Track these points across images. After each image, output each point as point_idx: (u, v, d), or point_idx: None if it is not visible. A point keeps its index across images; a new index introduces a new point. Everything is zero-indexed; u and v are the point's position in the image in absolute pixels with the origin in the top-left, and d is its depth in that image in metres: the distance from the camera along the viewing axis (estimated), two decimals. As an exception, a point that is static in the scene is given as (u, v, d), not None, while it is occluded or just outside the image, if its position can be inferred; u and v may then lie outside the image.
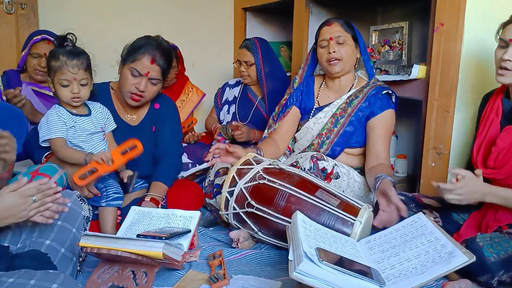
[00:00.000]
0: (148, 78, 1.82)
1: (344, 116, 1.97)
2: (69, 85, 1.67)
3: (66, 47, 1.69)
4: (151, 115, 1.99)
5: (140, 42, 1.85)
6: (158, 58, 1.82)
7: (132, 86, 1.82)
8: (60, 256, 1.29)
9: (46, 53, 2.29)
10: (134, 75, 1.81)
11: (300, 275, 1.06)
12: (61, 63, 1.65)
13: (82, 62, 1.67)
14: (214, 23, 3.32)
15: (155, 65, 1.82)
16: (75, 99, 1.69)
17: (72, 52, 1.67)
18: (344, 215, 1.50)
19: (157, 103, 2.01)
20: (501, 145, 1.53)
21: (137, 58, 1.80)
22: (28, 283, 1.03)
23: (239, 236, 1.68)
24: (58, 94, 1.70)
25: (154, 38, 1.88)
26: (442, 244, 1.22)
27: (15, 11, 2.61)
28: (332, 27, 1.95)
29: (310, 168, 1.76)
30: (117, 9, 2.94)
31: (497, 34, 1.58)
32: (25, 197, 1.20)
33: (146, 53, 1.81)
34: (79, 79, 1.67)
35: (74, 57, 1.66)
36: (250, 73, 2.55)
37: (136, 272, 1.34)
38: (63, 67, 1.64)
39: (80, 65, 1.67)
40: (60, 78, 1.66)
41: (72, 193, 1.47)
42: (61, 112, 1.71)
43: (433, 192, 1.96)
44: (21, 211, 1.19)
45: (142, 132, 1.94)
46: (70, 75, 1.65)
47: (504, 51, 1.51)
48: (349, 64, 1.97)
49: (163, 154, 1.96)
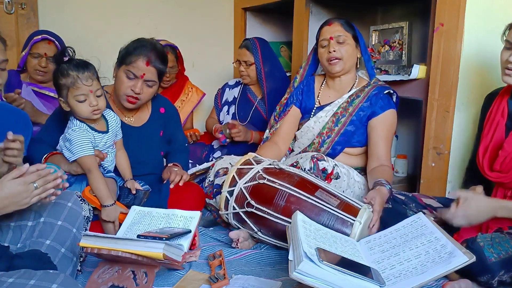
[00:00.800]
0: (143, 80, 1.81)
1: (345, 115, 1.97)
2: (86, 99, 1.62)
3: (70, 61, 1.63)
4: (157, 119, 2.01)
5: (134, 44, 1.84)
6: (153, 60, 1.82)
7: (128, 89, 1.81)
8: (60, 256, 1.29)
9: (47, 53, 2.29)
10: (129, 78, 1.80)
11: (300, 275, 1.06)
12: (73, 79, 1.59)
13: (92, 72, 1.63)
14: (214, 23, 3.32)
15: (150, 67, 1.81)
16: (95, 112, 1.64)
17: (81, 65, 1.62)
18: (343, 215, 1.50)
19: (162, 107, 2.03)
20: (508, 149, 1.53)
21: (132, 60, 1.79)
22: (28, 283, 1.02)
23: (239, 236, 1.68)
24: (76, 111, 1.64)
25: (148, 40, 1.87)
26: (442, 244, 1.22)
27: (15, 11, 2.61)
28: (333, 27, 1.95)
29: (310, 169, 1.76)
30: (117, 9, 2.94)
31: (503, 36, 1.57)
32: (27, 184, 1.18)
33: (141, 55, 1.79)
34: (94, 90, 1.63)
35: (84, 69, 1.61)
36: (250, 73, 2.55)
37: (136, 272, 1.34)
38: (76, 82, 1.59)
39: (92, 76, 1.63)
40: (75, 94, 1.60)
41: (72, 193, 1.46)
42: (82, 128, 1.68)
43: (433, 192, 1.97)
44: (24, 199, 1.18)
45: (146, 133, 1.96)
46: (85, 88, 1.60)
47: (510, 52, 1.51)
48: (349, 63, 1.97)
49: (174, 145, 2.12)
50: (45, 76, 2.34)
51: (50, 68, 2.32)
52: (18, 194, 1.17)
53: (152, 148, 1.98)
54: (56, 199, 1.36)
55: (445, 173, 2.00)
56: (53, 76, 1.65)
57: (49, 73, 2.33)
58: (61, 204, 1.37)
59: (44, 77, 2.34)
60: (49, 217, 1.33)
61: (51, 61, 2.30)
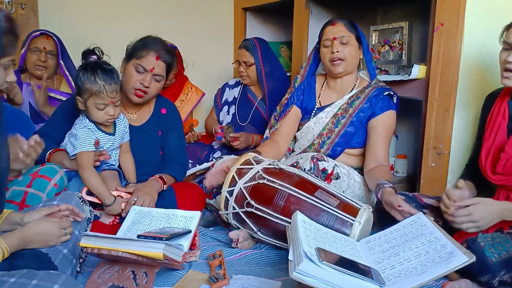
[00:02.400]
0: (152, 74, 1.85)
1: (345, 117, 1.97)
2: (105, 108, 1.66)
3: (97, 65, 1.66)
4: (157, 119, 2.01)
5: (144, 40, 1.89)
6: (163, 55, 1.87)
7: (136, 82, 1.84)
8: (61, 257, 1.29)
9: (46, 47, 2.29)
10: (139, 71, 1.84)
11: (300, 275, 1.06)
12: (99, 88, 1.62)
13: (117, 83, 1.67)
14: (214, 23, 3.32)
15: (160, 61, 1.86)
16: (109, 120, 1.70)
17: (109, 75, 1.65)
18: (343, 216, 1.50)
19: (164, 108, 2.04)
20: (510, 152, 1.53)
21: (142, 55, 1.84)
22: (30, 283, 1.02)
23: (239, 236, 1.68)
24: (92, 115, 1.68)
25: (157, 37, 1.93)
26: (442, 244, 1.22)
27: (15, 11, 2.61)
28: (336, 27, 1.94)
29: (310, 169, 1.76)
30: (117, 9, 2.94)
31: (501, 37, 1.57)
32: (61, 228, 1.26)
33: (151, 50, 1.85)
34: (115, 101, 1.68)
35: (111, 81, 1.64)
36: (250, 74, 2.55)
37: (136, 272, 1.34)
38: (102, 92, 1.63)
39: (117, 88, 1.67)
40: (97, 102, 1.65)
41: (74, 195, 1.46)
42: (89, 127, 1.71)
43: (433, 192, 1.97)
44: (52, 241, 1.24)
45: (146, 133, 1.97)
46: (108, 99, 1.65)
47: (509, 53, 1.51)
48: (352, 64, 1.97)
49: (168, 163, 2.00)
50: (45, 72, 2.33)
51: (50, 63, 2.33)
52: (51, 235, 1.24)
53: (151, 148, 1.98)
54: (58, 201, 1.39)
55: (445, 173, 2.00)
56: (77, 76, 1.67)
57: (49, 68, 2.34)
58: None
59: (44, 72, 2.33)
60: None
61: (51, 56, 2.31)
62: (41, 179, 1.53)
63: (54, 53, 2.35)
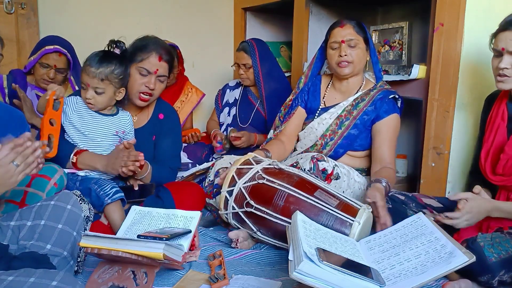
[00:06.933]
0: (156, 76, 1.85)
1: (349, 119, 1.97)
2: (85, 88, 1.75)
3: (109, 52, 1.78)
4: (153, 124, 2.00)
5: (143, 42, 1.88)
6: (165, 55, 1.87)
7: (142, 86, 1.84)
8: (60, 259, 1.29)
9: (56, 65, 2.26)
10: (142, 75, 1.84)
11: (300, 275, 1.06)
12: (86, 65, 1.72)
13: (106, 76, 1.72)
14: (214, 23, 3.32)
15: (162, 62, 1.86)
16: (88, 103, 1.76)
17: (106, 62, 1.72)
18: (342, 216, 1.50)
19: (162, 114, 2.02)
20: (510, 152, 1.54)
21: (144, 58, 1.83)
22: (28, 281, 1.03)
23: (238, 236, 1.68)
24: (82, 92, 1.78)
25: (154, 37, 1.92)
26: (442, 244, 1.22)
27: (15, 11, 2.61)
28: (345, 29, 1.91)
29: (310, 169, 1.76)
30: (117, 9, 2.94)
31: (490, 45, 1.59)
32: (6, 165, 1.17)
33: (153, 52, 1.84)
34: (93, 87, 1.72)
35: (100, 67, 1.71)
36: (249, 76, 2.55)
37: (136, 272, 1.34)
38: (85, 68, 1.72)
39: (102, 77, 1.72)
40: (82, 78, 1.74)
41: (71, 195, 1.45)
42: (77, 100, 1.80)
43: (433, 192, 1.97)
44: (8, 179, 1.18)
45: (141, 136, 1.94)
46: (85, 78, 1.73)
47: (499, 59, 1.52)
48: (359, 66, 1.96)
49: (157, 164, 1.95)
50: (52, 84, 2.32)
51: (58, 78, 2.30)
52: (0, 177, 1.17)
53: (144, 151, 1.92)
54: (55, 201, 1.36)
55: (445, 173, 2.00)
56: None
57: (56, 82, 2.31)
58: (60, 207, 1.36)
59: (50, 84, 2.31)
60: (50, 220, 1.32)
61: (59, 73, 2.29)
62: (40, 178, 1.53)
63: (63, 70, 2.31)
